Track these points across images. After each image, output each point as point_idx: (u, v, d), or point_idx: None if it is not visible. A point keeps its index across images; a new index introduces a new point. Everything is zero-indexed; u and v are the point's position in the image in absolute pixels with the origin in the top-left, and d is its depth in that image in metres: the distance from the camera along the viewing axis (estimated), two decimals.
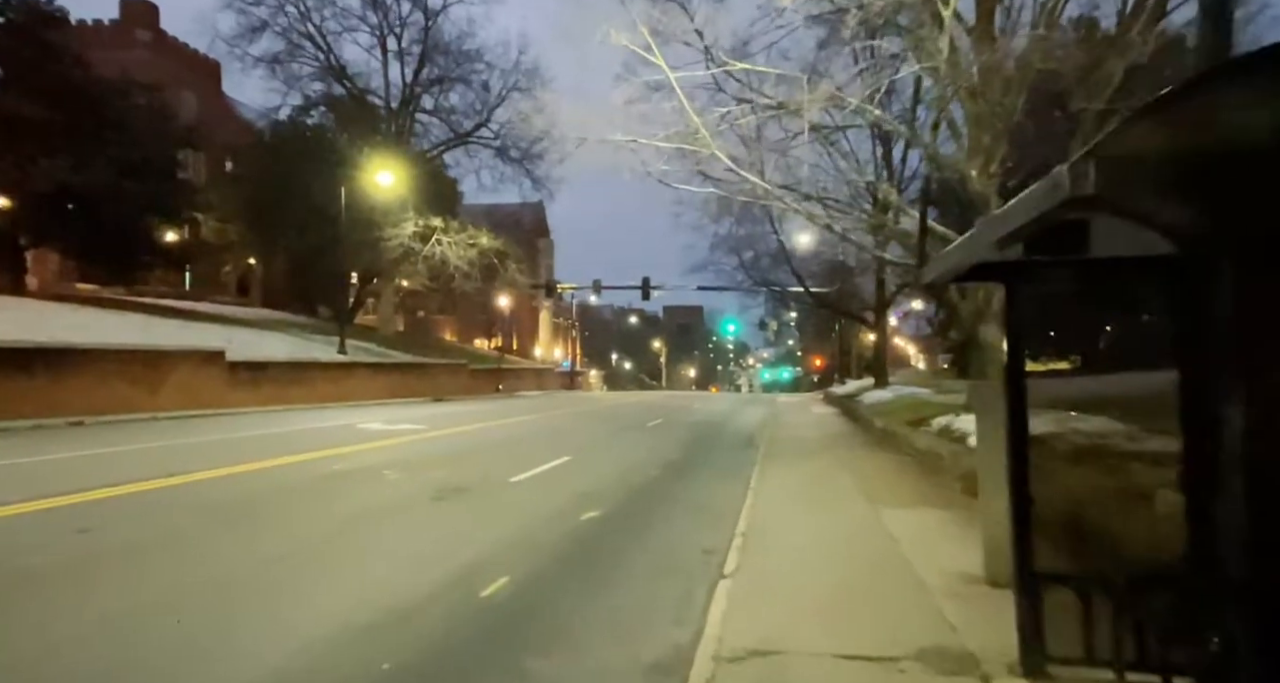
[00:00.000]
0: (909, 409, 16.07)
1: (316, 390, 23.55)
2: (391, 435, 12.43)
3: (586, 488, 7.85)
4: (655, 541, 5.79)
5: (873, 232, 12.04)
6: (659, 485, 8.37)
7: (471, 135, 35.44)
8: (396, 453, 10.33)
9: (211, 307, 35.12)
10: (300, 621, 3.77)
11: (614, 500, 7.26)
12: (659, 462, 10.40)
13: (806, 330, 64.41)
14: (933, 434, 10.86)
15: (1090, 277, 3.56)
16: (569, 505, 6.86)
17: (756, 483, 8.42)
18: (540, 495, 7.32)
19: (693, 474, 9.36)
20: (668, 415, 20.84)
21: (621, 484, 8.28)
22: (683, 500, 7.50)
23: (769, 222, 23.37)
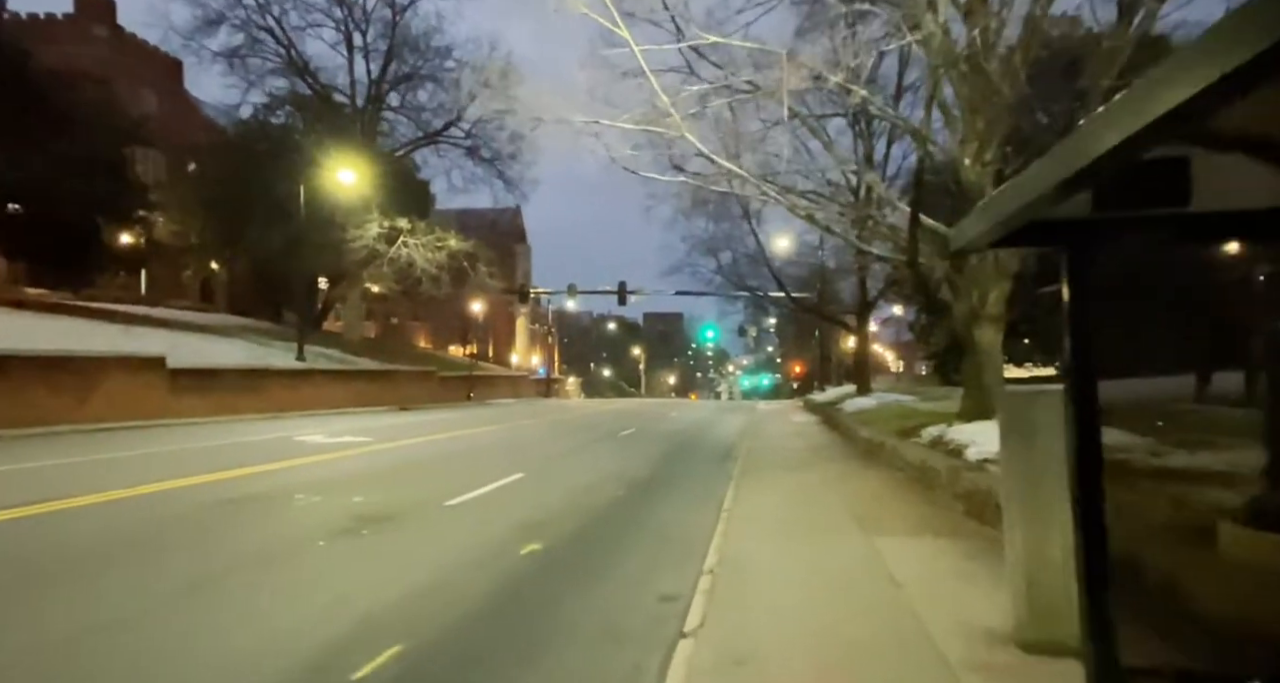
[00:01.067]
0: (895, 418, 15.17)
1: (271, 399, 22.20)
2: (330, 450, 11.25)
3: (535, 513, 6.76)
4: (605, 585, 4.73)
5: (857, 225, 11.12)
6: (621, 509, 7.30)
7: (441, 134, 34.27)
8: (326, 471, 9.16)
9: (167, 312, 33.44)
10: None
11: (564, 530, 6.18)
12: (625, 479, 9.34)
13: (786, 336, 63.77)
14: (925, 446, 9.92)
15: (1186, 239, 2.56)
16: (508, 538, 5.78)
17: (731, 504, 7.40)
18: (477, 525, 6.21)
19: (660, 494, 8.31)
20: (642, 425, 19.80)
21: (577, 508, 7.21)
22: (645, 528, 6.45)
23: (746, 219, 22.51)
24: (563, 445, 13.45)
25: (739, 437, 16.22)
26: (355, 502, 6.94)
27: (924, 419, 13.59)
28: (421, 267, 29.91)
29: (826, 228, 10.81)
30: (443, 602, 4.26)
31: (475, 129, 34.20)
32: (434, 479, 8.65)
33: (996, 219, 2.34)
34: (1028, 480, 3.61)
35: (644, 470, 10.29)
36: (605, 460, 11.39)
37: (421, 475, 9.00)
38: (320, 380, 25.50)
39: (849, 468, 10.46)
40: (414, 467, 9.83)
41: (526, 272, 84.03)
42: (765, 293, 28.15)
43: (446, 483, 8.25)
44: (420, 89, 33.73)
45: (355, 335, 34.00)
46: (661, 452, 12.87)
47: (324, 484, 8.02)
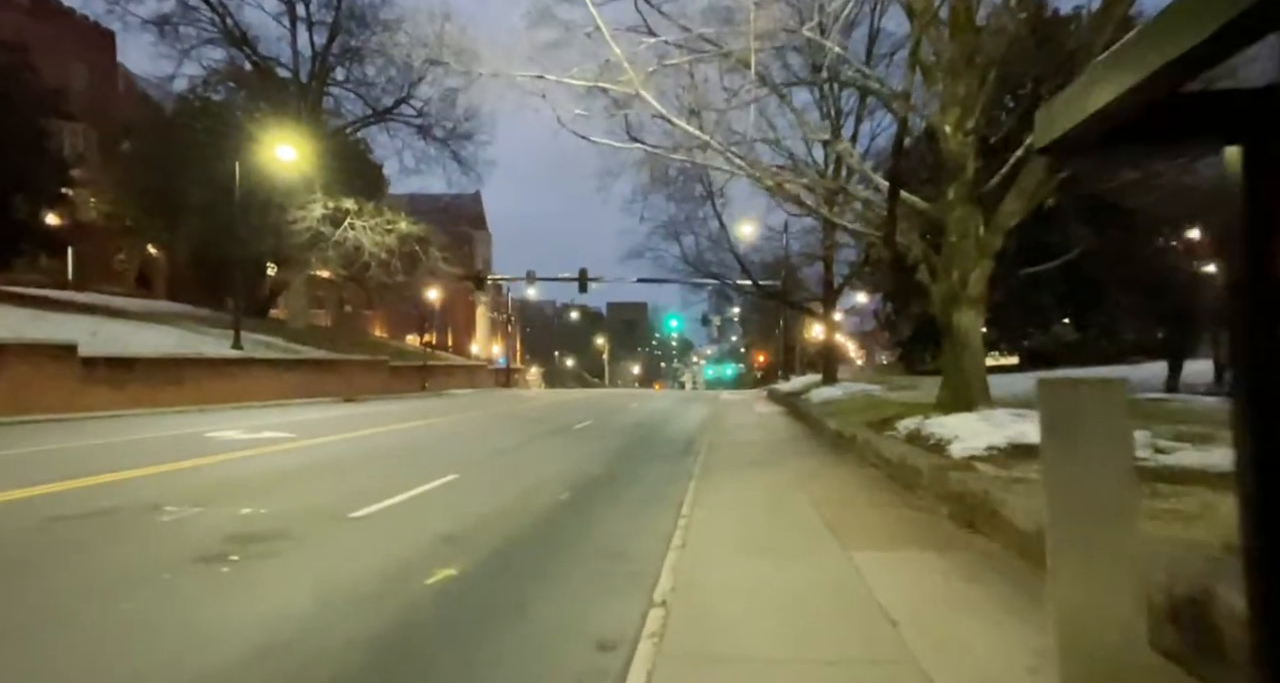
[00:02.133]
0: (864, 409, 14.44)
1: (201, 391, 20.64)
2: (243, 448, 10.00)
3: (459, 525, 5.72)
4: (526, 627, 3.72)
5: (827, 202, 10.23)
6: (563, 517, 6.30)
7: (391, 113, 32.58)
8: (224, 474, 7.95)
9: (94, 297, 31.32)
10: None
11: (489, 546, 5.16)
12: (572, 479, 8.34)
13: (750, 326, 63.38)
14: (901, 441, 9.12)
15: None
16: (417, 560, 4.73)
17: (690, 510, 6.46)
18: (382, 543, 5.14)
19: (611, 498, 7.33)
20: (600, 416, 18.80)
21: (511, 517, 6.19)
22: (589, 542, 5.46)
23: (709, 200, 21.57)
24: (510, 440, 12.38)
25: (701, 429, 15.34)
26: (241, 514, 5.79)
27: (895, 410, 12.85)
28: (370, 250, 28.33)
29: (796, 199, 9.91)
30: (304, 658, 3.20)
31: (427, 107, 32.65)
32: (350, 483, 7.53)
33: (1125, 85, 1.33)
34: (1080, 498, 2.70)
35: (596, 468, 9.30)
36: (554, 457, 10.37)
37: (336, 479, 7.87)
38: (258, 371, 23.92)
39: (818, 464, 9.62)
40: (332, 468, 8.68)
41: (487, 259, 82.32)
42: (730, 280, 27.33)
43: (363, 488, 7.14)
44: (369, 64, 32.00)
45: (301, 323, 32.28)
46: (617, 446, 11.89)
47: (213, 492, 6.83)
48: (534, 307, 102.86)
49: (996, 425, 8.07)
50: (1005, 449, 7.30)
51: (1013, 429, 7.77)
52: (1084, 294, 22.19)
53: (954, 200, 9.28)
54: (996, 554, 4.98)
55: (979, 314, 9.36)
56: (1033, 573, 4.31)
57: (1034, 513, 4.68)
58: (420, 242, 30.31)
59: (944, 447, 7.97)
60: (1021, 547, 4.77)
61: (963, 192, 9.20)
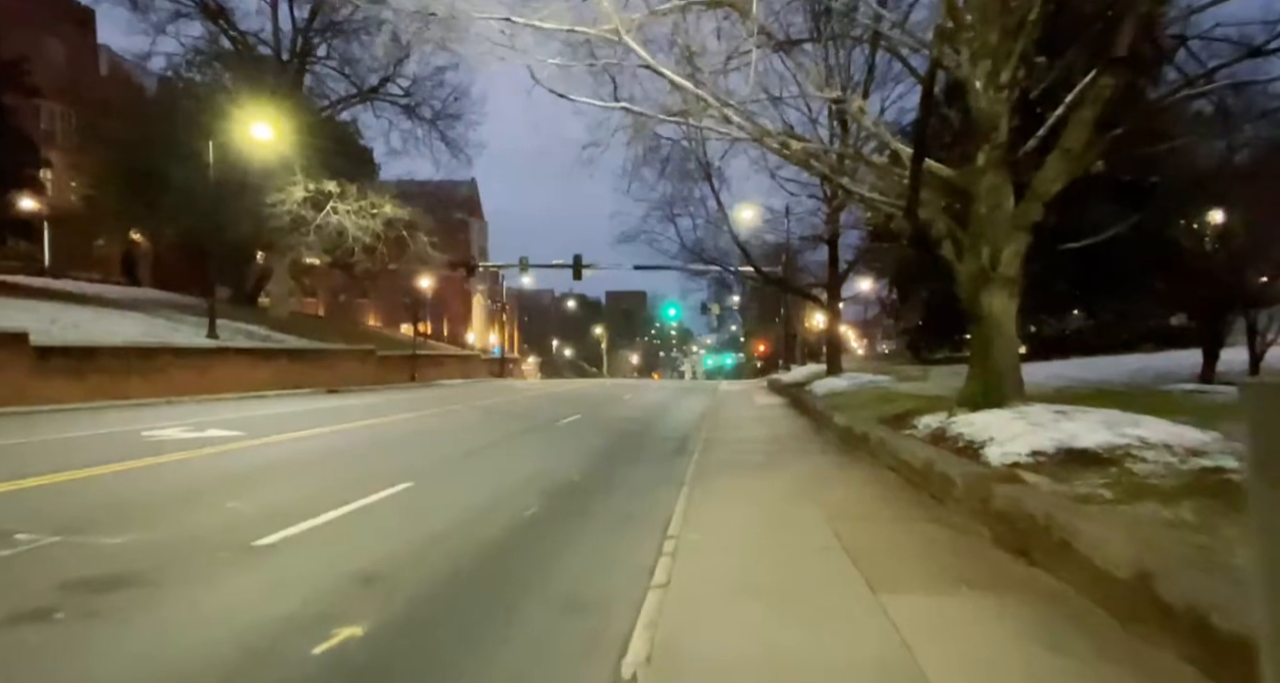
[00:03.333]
0: (875, 402, 13.30)
1: (169, 382, 19.51)
2: (174, 449, 8.83)
3: (388, 557, 4.58)
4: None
5: (834, 168, 9.00)
6: (519, 545, 5.16)
7: (377, 91, 31.22)
8: (123, 485, 6.77)
9: (70, 284, 30.16)
10: None
11: (415, 591, 4.01)
12: (545, 487, 7.21)
13: (749, 315, 62.17)
14: (924, 441, 7.97)
15: None
16: (315, 613, 3.58)
17: (679, 529, 5.34)
18: (277, 586, 3.99)
19: (584, 513, 6.19)
20: (591, 409, 17.68)
21: (457, 543, 5.05)
22: (545, 582, 4.31)
23: (707, 179, 20.29)
24: (485, 438, 11.25)
25: (697, 424, 14.22)
26: (108, 545, 4.60)
27: (910, 404, 11.71)
28: (353, 235, 27.10)
29: (804, 161, 8.69)
30: None
31: (414, 87, 31.31)
32: (276, 497, 6.38)
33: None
34: None
35: (574, 473, 8.17)
36: (530, 459, 9.23)
37: (264, 490, 6.72)
38: (234, 360, 22.77)
39: (828, 467, 8.48)
40: (265, 476, 7.52)
41: (483, 247, 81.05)
42: (729, 266, 26.08)
43: (289, 503, 6.01)
44: (354, 41, 30.59)
45: (284, 311, 31.08)
46: (603, 445, 10.76)
47: (96, 511, 5.65)
48: (531, 296, 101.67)
49: (1037, 425, 6.92)
50: (1054, 455, 6.15)
51: (1059, 431, 6.62)
52: (1103, 279, 20.94)
53: (984, 166, 8.09)
54: (1071, 601, 3.83)
55: (1012, 296, 8.18)
56: (1135, 639, 3.18)
57: (1123, 548, 3.54)
58: (407, 226, 29.06)
59: (977, 450, 6.82)
60: (1108, 596, 3.63)
61: (995, 156, 8.00)
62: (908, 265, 23.94)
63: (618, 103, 8.60)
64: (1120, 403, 8.34)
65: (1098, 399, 9.42)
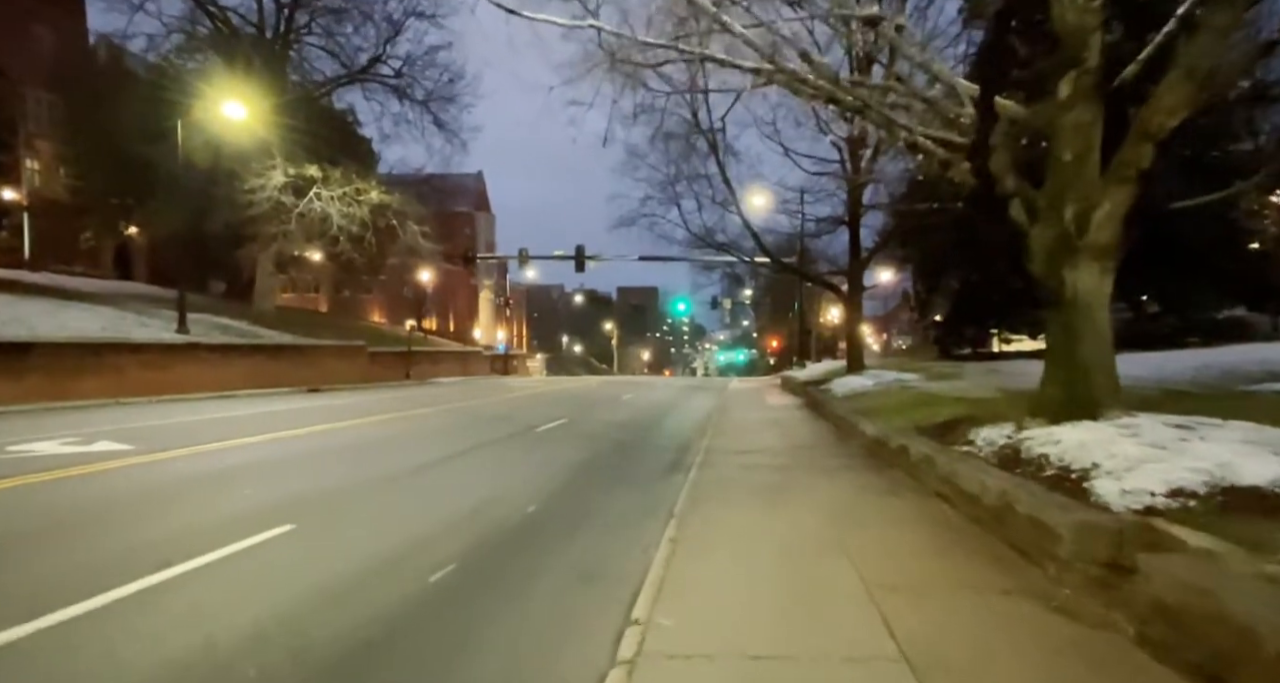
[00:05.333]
0: (908, 406, 11.34)
1: (124, 381, 17.86)
2: (33, 469, 7.04)
3: (176, 666, 2.75)
4: None
5: (867, 101, 7.03)
6: (400, 641, 3.30)
7: (367, 72, 29.46)
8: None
9: (49, 277, 28.68)
10: None
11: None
12: (484, 526, 5.37)
13: (762, 310, 60.10)
14: (986, 462, 6.03)
15: None
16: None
17: (650, 605, 3.47)
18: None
19: (525, 575, 4.33)
20: (582, 412, 15.82)
21: (296, 640, 3.21)
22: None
23: (713, 152, 18.29)
24: (444, 450, 9.41)
25: (699, 430, 12.33)
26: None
27: (954, 409, 9.75)
28: (338, 223, 25.38)
29: (829, 98, 6.73)
30: None
31: (406, 67, 29.53)
32: (86, 550, 4.57)
33: None
34: None
35: (534, 501, 6.31)
36: (484, 480, 7.39)
37: (81, 537, 4.90)
38: (204, 357, 21.11)
39: (858, 492, 6.56)
40: (107, 512, 5.65)
41: (490, 241, 79.44)
42: (739, 254, 24.02)
43: (90, 563, 4.19)
44: (345, 19, 28.84)
45: (269, 305, 29.44)
46: (583, 459, 8.89)
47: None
48: (541, 292, 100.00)
49: (1157, 446, 4.98)
50: (1209, 497, 4.20)
51: (1197, 456, 4.67)
52: (1155, 265, 18.69)
53: (1069, 99, 6.12)
54: None
55: (1105, 271, 6.21)
56: None
57: None
58: (397, 215, 27.29)
59: (1079, 482, 4.88)
60: None
61: (1084, 84, 6.04)
62: (935, 252, 21.89)
63: (587, 21, 6.72)
64: (1211, 408, 6.38)
65: (1179, 403, 7.46)
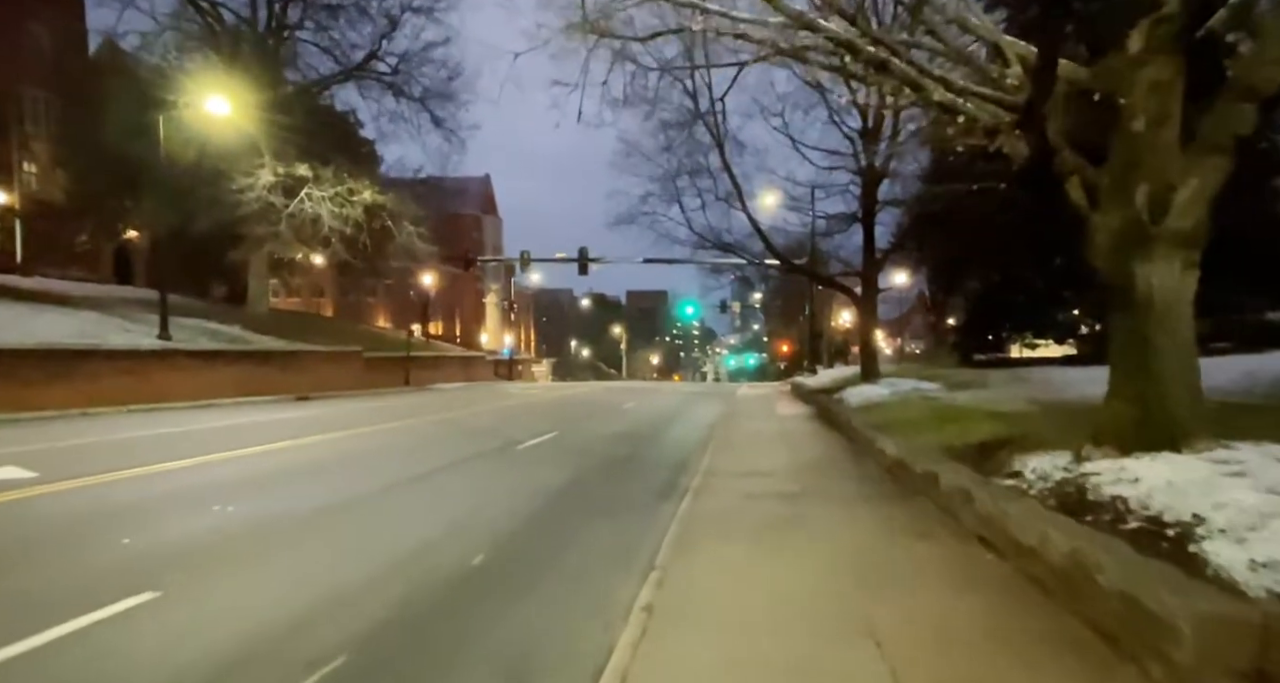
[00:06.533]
0: (933, 421, 10.12)
1: (98, 389, 16.91)
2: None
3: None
4: None
5: (900, 52, 5.85)
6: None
7: (363, 68, 28.56)
8: None
9: (32, 281, 27.91)
10: None
11: None
12: (407, 587, 4.26)
13: (772, 313, 58.83)
14: (1039, 501, 4.86)
15: None
16: None
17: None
18: None
19: (440, 666, 3.21)
20: (574, 423, 14.71)
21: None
22: None
23: (717, 146, 17.14)
24: (405, 471, 8.31)
25: (702, 443, 11.19)
26: None
27: (987, 427, 8.54)
28: (329, 224, 24.44)
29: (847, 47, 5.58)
30: None
31: (402, 64, 28.60)
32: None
33: None
34: None
35: (485, 544, 5.19)
36: (435, 515, 6.28)
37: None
38: (184, 364, 20.17)
39: (881, 532, 5.39)
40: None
41: (497, 245, 78.68)
42: (747, 255, 22.82)
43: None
44: (339, 14, 27.95)
45: (262, 309, 28.54)
46: (561, 483, 7.77)
47: None
48: (550, 295, 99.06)
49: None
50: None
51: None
52: None
53: (1141, 53, 4.96)
54: None
55: (1189, 266, 5.03)
56: None
57: None
58: (392, 215, 26.33)
59: (1177, 539, 3.70)
60: None
61: (1163, 34, 4.87)
62: (953, 252, 20.65)
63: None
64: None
65: (1257, 421, 6.25)
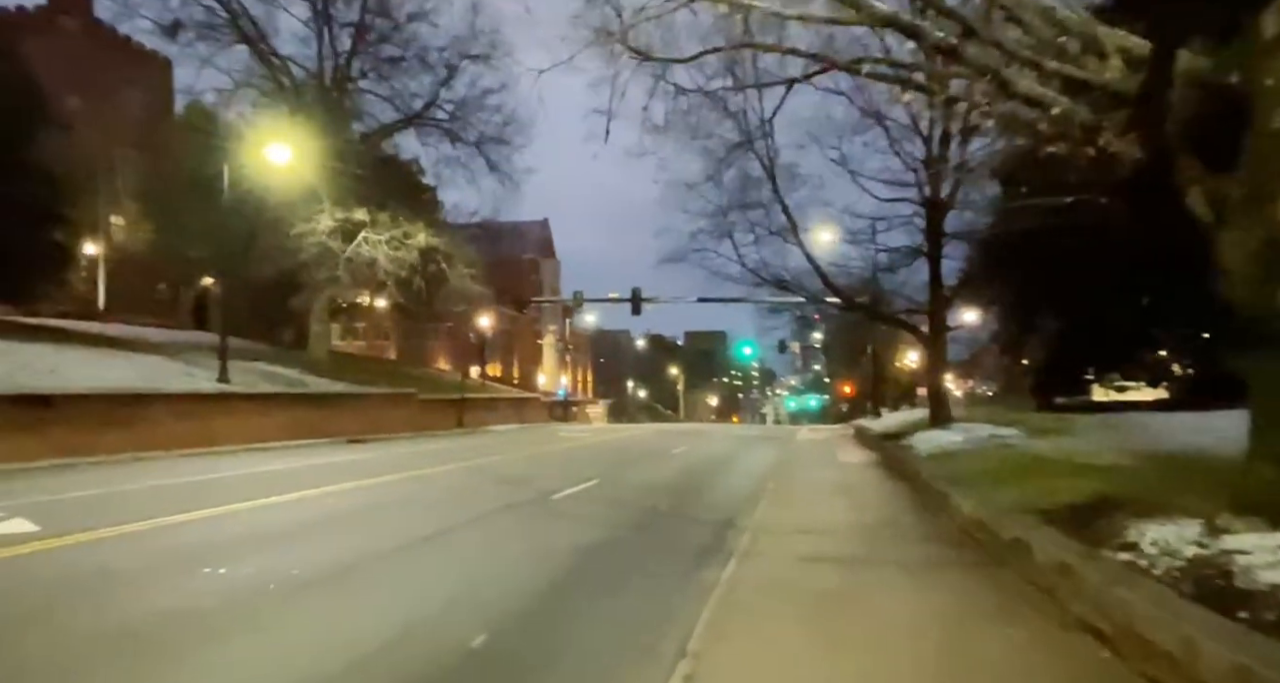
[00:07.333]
0: (1015, 473, 8.93)
1: (155, 434, 17.01)
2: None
3: None
4: None
5: (979, 28, 5.01)
6: None
7: (421, 116, 29.29)
8: None
9: (110, 327, 29.13)
10: None
11: None
12: (394, 677, 3.53)
13: (834, 353, 57.06)
14: (1169, 586, 3.82)
15: None
16: None
17: None
18: None
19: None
20: (617, 470, 13.92)
21: None
22: None
23: (769, 178, 16.43)
24: (422, 527, 7.66)
25: (754, 495, 10.25)
26: None
27: (1080, 482, 7.37)
28: (384, 268, 24.73)
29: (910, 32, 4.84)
30: None
31: (459, 110, 29.23)
32: None
33: None
34: None
35: (491, 621, 4.43)
36: (443, 578, 5.58)
37: None
38: (241, 408, 20.33)
39: (962, 615, 4.39)
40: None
41: (555, 287, 79.42)
42: (802, 292, 21.86)
43: None
44: (401, 66, 28.86)
45: (321, 352, 28.99)
46: (592, 543, 6.98)
47: None
48: (608, 337, 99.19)
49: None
50: None
51: None
52: None
53: (1277, 38, 4.05)
54: None
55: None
56: None
57: None
58: (445, 257, 26.54)
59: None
60: None
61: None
62: (1030, 287, 19.24)
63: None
64: None
65: None
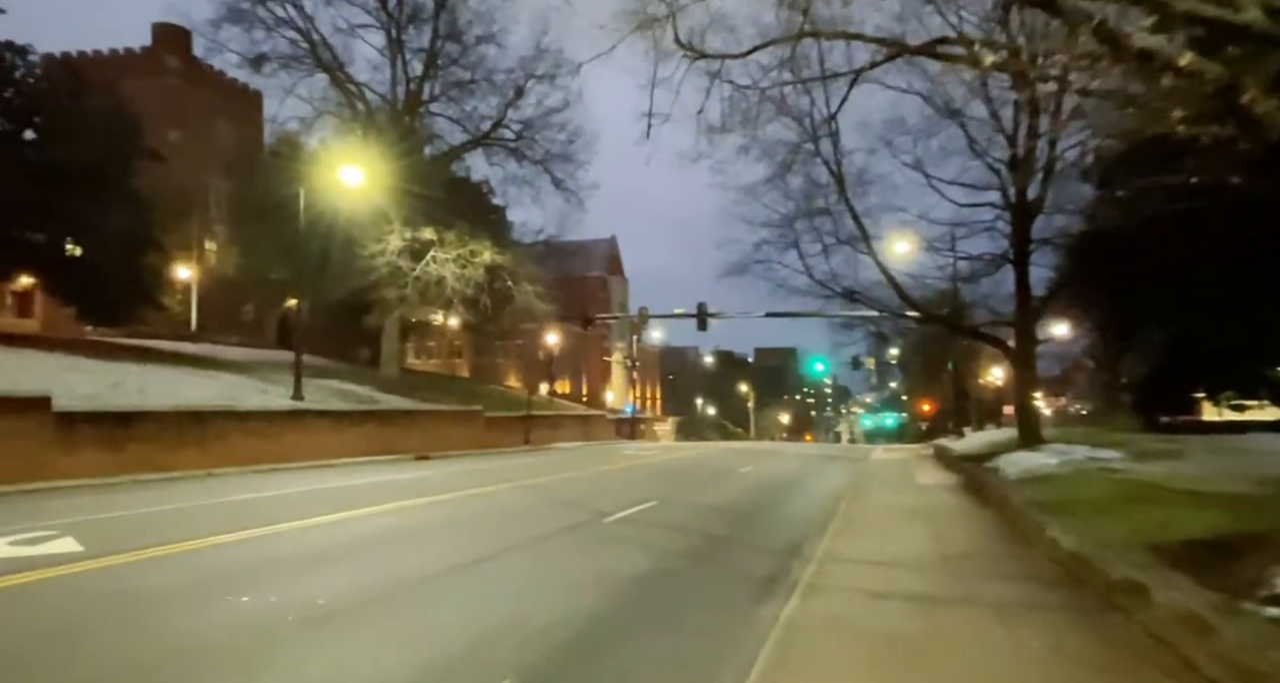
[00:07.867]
0: (1120, 502, 7.93)
1: (229, 450, 17.47)
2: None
3: None
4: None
5: None
6: None
7: (489, 136, 29.77)
8: None
9: (199, 346, 30.64)
10: None
11: None
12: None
13: (912, 369, 54.68)
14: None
15: None
16: None
17: None
18: None
19: None
20: (677, 491, 13.35)
21: None
22: None
23: (838, 185, 15.56)
24: (468, 551, 7.31)
25: (822, 520, 9.51)
26: None
27: (1197, 514, 6.39)
28: (452, 286, 25.04)
29: None
30: None
31: (526, 130, 29.56)
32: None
33: None
34: None
35: (522, 662, 3.98)
36: (477, 610, 5.17)
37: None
38: (314, 424, 20.75)
39: (1058, 669, 3.66)
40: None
41: (623, 306, 79.55)
42: (875, 304, 20.76)
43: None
44: (469, 88, 29.46)
45: (393, 370, 29.60)
46: (642, 572, 6.47)
47: None
48: (676, 353, 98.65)
49: None
50: None
51: None
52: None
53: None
54: None
55: None
56: None
57: None
58: (511, 275, 26.71)
59: None
60: None
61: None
62: (1128, 297, 17.70)
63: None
64: None
65: None
